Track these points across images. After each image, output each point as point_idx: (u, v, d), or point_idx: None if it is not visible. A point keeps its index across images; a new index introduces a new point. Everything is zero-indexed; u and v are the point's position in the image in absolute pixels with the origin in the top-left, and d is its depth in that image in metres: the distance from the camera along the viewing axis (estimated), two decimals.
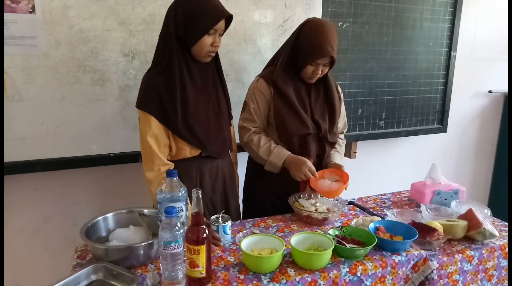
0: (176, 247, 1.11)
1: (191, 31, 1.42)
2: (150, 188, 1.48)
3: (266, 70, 1.80)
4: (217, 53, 1.56)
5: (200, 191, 1.16)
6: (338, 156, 1.87)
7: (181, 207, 1.28)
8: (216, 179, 1.66)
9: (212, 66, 1.58)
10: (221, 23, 1.45)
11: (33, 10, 1.65)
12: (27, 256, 2.03)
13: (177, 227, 1.12)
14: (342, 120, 1.92)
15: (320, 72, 1.66)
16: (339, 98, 1.85)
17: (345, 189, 1.66)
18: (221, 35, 1.49)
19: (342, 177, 1.70)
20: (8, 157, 1.72)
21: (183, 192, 1.28)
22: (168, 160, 1.52)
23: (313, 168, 1.68)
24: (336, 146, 1.90)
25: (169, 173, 1.27)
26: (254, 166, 1.85)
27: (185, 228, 1.18)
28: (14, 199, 1.93)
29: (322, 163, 1.87)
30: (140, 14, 1.83)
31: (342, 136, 1.97)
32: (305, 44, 1.63)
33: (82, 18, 1.73)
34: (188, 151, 1.54)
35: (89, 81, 1.81)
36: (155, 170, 1.46)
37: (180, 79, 1.45)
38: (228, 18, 1.47)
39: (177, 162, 1.54)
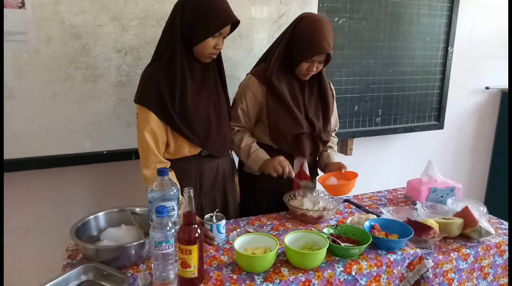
0: (167, 247, 1.10)
1: (196, 31, 1.40)
2: (146, 186, 1.45)
3: (259, 67, 1.75)
4: (220, 54, 1.54)
5: (191, 190, 1.13)
6: (336, 156, 1.86)
7: (173, 206, 1.26)
8: (216, 179, 1.63)
9: (214, 65, 1.56)
10: (227, 27, 1.43)
11: (22, 5, 1.61)
12: (20, 255, 2.01)
13: (168, 227, 1.10)
14: (334, 118, 1.88)
15: (315, 69, 1.63)
16: (332, 95, 1.83)
17: (353, 185, 1.63)
18: (225, 37, 1.47)
19: (350, 176, 1.68)
20: None
21: (175, 190, 1.26)
22: (167, 159, 1.49)
23: (286, 161, 1.63)
24: (331, 144, 1.88)
25: (160, 172, 1.24)
26: None
27: (176, 227, 1.16)
28: (6, 197, 1.90)
29: (316, 162, 1.85)
30: (132, 9, 1.79)
31: (333, 134, 1.95)
32: (300, 40, 1.59)
33: (74, 13, 1.70)
34: (187, 150, 1.51)
35: (81, 78, 1.78)
36: (151, 168, 1.43)
37: (181, 75, 1.42)
38: (235, 23, 1.45)
39: (176, 161, 1.51)
